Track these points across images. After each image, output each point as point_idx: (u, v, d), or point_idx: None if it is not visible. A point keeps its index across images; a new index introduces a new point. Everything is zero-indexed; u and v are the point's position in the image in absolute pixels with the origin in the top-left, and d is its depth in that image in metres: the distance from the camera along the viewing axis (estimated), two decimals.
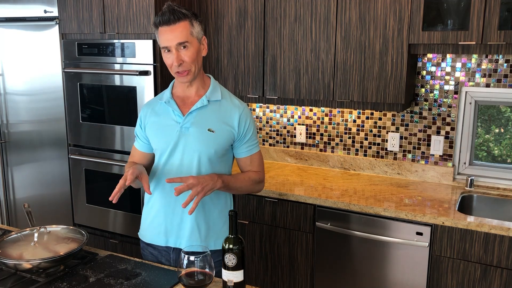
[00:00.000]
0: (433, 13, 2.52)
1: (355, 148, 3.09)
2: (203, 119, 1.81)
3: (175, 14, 1.69)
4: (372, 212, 2.44)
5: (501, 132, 2.86)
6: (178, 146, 1.81)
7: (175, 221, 1.85)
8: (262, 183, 1.97)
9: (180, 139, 1.81)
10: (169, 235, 1.87)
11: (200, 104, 1.81)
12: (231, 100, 1.87)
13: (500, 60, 2.64)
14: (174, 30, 1.69)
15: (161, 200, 1.87)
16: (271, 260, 2.79)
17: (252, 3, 2.87)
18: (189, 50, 1.72)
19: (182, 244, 1.86)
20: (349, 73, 2.68)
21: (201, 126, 1.80)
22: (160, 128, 1.85)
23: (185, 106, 1.85)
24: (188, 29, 1.71)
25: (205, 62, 3.10)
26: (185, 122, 1.81)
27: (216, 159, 1.83)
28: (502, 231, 2.17)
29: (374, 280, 2.51)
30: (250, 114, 1.89)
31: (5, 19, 3.37)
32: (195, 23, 1.74)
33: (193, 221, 1.84)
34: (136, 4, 2.81)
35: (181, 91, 1.87)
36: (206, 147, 1.80)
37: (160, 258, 1.91)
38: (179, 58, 1.71)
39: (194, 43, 1.74)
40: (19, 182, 3.63)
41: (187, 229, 1.84)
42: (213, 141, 1.80)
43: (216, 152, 1.81)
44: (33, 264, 1.58)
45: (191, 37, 1.72)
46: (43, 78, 3.33)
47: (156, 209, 1.89)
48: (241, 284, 1.49)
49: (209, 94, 1.84)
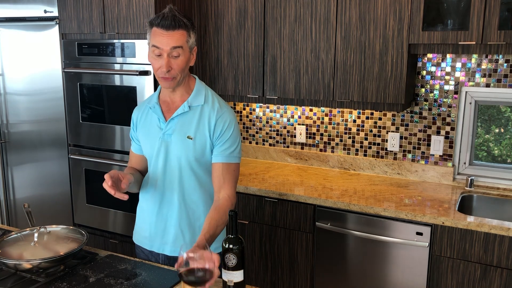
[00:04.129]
0: (433, 13, 2.52)
1: (355, 148, 3.09)
2: (183, 125, 1.78)
3: (177, 21, 1.67)
4: (372, 212, 2.44)
5: (501, 132, 2.86)
6: (161, 152, 1.80)
7: (159, 227, 1.85)
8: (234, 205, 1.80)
9: (162, 146, 1.80)
10: (153, 240, 1.87)
11: (181, 110, 1.78)
12: (212, 104, 1.81)
13: (500, 60, 2.64)
14: (172, 36, 1.67)
15: (147, 205, 1.88)
16: (271, 260, 2.79)
17: (252, 3, 2.87)
18: (180, 59, 1.70)
19: (166, 250, 1.85)
20: (349, 73, 2.68)
21: (181, 133, 1.78)
22: (146, 133, 1.85)
23: (169, 111, 1.82)
24: (184, 38, 1.69)
25: (205, 62, 3.10)
26: (167, 128, 1.79)
27: (197, 166, 1.80)
28: (502, 231, 2.17)
29: (374, 280, 2.51)
30: (231, 119, 1.80)
31: (5, 19, 3.36)
32: (192, 34, 1.73)
33: (177, 227, 1.83)
34: (136, 4, 2.81)
35: (166, 96, 1.84)
36: (186, 154, 1.77)
37: (150, 258, 1.91)
38: (169, 65, 1.69)
39: (186, 53, 1.72)
40: (19, 182, 3.63)
41: (171, 235, 1.84)
42: (192, 148, 1.77)
43: (196, 159, 1.78)
44: (33, 264, 1.58)
45: (186, 47, 1.70)
46: (43, 78, 3.33)
47: (143, 214, 1.91)
48: (241, 284, 1.49)
49: (191, 99, 1.79)
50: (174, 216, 1.82)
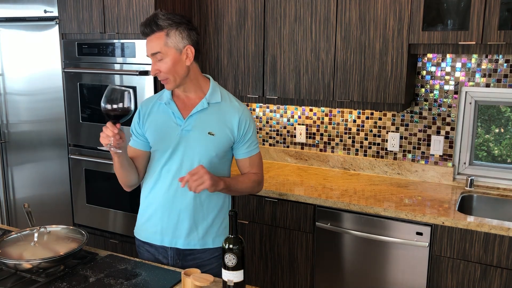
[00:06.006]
0: (433, 13, 2.52)
1: (355, 148, 3.09)
2: (203, 122, 1.82)
3: (148, 27, 1.72)
4: (372, 212, 2.44)
5: (501, 132, 2.86)
6: (179, 149, 1.82)
7: (172, 221, 1.85)
8: (262, 184, 1.98)
9: (180, 142, 1.81)
10: (164, 234, 1.87)
11: (201, 107, 1.82)
12: (230, 102, 1.87)
13: (500, 60, 2.64)
14: (150, 41, 1.73)
15: (158, 199, 1.87)
16: (271, 260, 2.79)
17: (252, 3, 2.87)
18: (164, 61, 1.72)
19: (179, 244, 1.86)
20: (349, 73, 2.68)
21: (201, 129, 1.81)
22: (159, 129, 1.85)
23: (185, 108, 1.84)
24: (162, 40, 1.70)
25: (205, 62, 3.10)
26: (186, 125, 1.81)
27: (216, 161, 1.84)
28: (502, 231, 2.17)
29: (374, 280, 2.51)
30: (250, 115, 1.89)
31: (5, 19, 3.37)
32: (174, 33, 1.71)
33: (191, 221, 1.84)
34: (136, 4, 2.81)
35: (181, 93, 1.87)
36: (207, 150, 1.81)
37: (157, 256, 1.91)
38: (155, 68, 1.74)
39: (171, 54, 1.72)
40: (19, 182, 3.63)
41: (185, 229, 1.84)
42: (213, 144, 1.81)
43: (217, 155, 1.83)
44: (33, 264, 1.58)
45: (166, 48, 1.71)
46: (43, 78, 3.33)
47: (153, 208, 1.89)
48: (241, 284, 1.49)
49: (209, 96, 1.84)
50: (188, 209, 1.83)
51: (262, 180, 1.98)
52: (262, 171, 1.97)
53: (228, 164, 1.93)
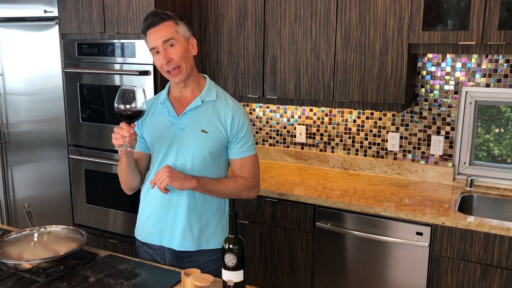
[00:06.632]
0: (433, 13, 2.52)
1: (355, 148, 3.09)
2: (197, 119, 1.81)
3: (158, 16, 1.74)
4: (372, 212, 2.44)
5: (501, 132, 2.86)
6: (173, 147, 1.81)
7: (169, 221, 1.85)
8: (254, 190, 1.90)
9: (174, 140, 1.81)
10: (162, 234, 1.87)
11: (194, 104, 1.82)
12: (225, 100, 1.86)
13: (500, 60, 2.64)
14: (159, 30, 1.73)
15: (155, 199, 1.87)
16: (271, 260, 2.79)
17: (252, 3, 2.87)
18: (176, 47, 1.74)
19: (174, 244, 1.86)
20: (349, 73, 2.68)
21: (195, 127, 1.80)
22: (155, 129, 1.85)
23: (180, 107, 1.85)
24: (172, 28, 1.74)
25: (205, 62, 3.10)
26: (179, 123, 1.81)
27: (210, 160, 1.82)
28: (502, 231, 2.17)
29: (374, 280, 2.51)
30: (244, 115, 1.87)
31: (5, 19, 3.36)
32: (180, 23, 1.78)
33: (185, 221, 1.83)
34: (136, 4, 2.81)
35: (177, 92, 1.88)
36: (200, 148, 1.80)
37: (155, 257, 1.91)
38: (167, 56, 1.74)
39: (181, 41, 1.76)
40: (19, 182, 3.63)
41: (180, 229, 1.84)
42: (207, 141, 1.80)
43: (210, 152, 1.81)
44: (33, 264, 1.58)
45: (177, 35, 1.75)
46: (43, 78, 3.33)
47: (151, 208, 1.89)
48: (241, 284, 1.49)
49: (204, 94, 1.84)
50: (183, 210, 1.83)
51: (255, 186, 1.89)
52: (255, 177, 1.89)
53: (225, 166, 1.91)
